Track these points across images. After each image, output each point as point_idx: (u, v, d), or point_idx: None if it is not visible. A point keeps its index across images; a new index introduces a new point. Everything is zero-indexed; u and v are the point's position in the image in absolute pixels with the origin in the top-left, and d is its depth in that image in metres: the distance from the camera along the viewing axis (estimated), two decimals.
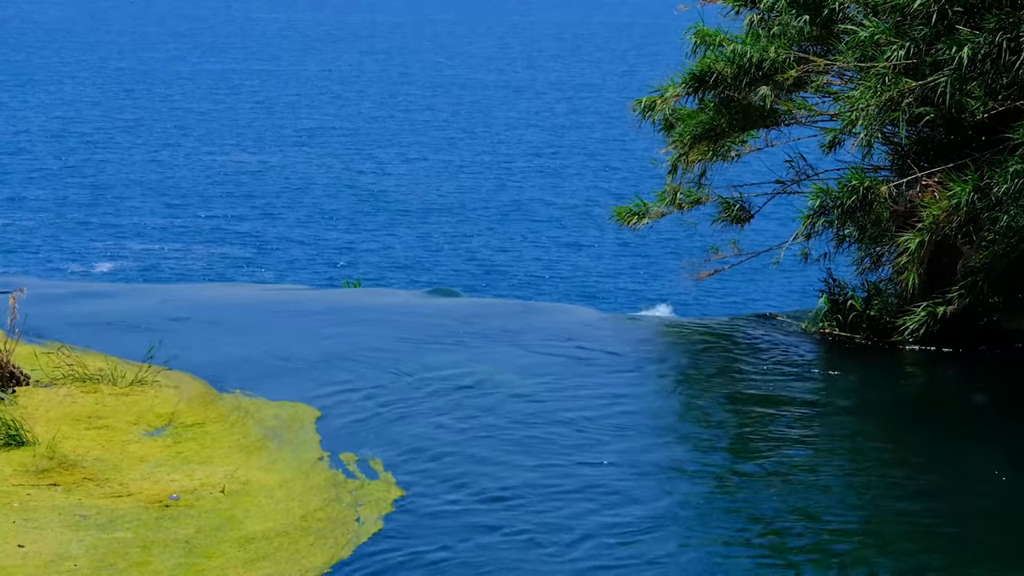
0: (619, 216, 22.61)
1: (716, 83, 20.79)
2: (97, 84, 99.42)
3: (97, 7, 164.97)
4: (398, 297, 25.87)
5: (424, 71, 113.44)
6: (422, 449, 15.32)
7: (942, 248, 19.37)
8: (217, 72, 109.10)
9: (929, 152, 20.16)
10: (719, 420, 16.95)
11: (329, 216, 59.29)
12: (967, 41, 18.07)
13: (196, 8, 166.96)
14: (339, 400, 16.97)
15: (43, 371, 16.85)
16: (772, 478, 14.78)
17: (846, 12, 20.30)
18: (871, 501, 14.34)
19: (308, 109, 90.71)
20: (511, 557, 12.70)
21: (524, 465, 14.93)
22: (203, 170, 68.60)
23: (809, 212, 20.36)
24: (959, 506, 14.21)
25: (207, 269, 49.64)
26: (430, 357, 18.99)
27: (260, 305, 22.79)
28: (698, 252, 23.61)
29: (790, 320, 22.21)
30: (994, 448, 15.97)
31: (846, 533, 13.50)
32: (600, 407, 17.05)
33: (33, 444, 14.54)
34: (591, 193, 63.01)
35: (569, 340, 20.40)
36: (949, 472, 15.26)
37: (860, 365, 19.77)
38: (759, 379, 18.62)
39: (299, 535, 12.95)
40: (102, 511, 13.22)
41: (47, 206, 59.48)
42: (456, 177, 67.96)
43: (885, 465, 15.45)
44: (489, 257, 52.28)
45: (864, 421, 17.45)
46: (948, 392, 19.36)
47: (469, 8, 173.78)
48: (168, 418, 15.78)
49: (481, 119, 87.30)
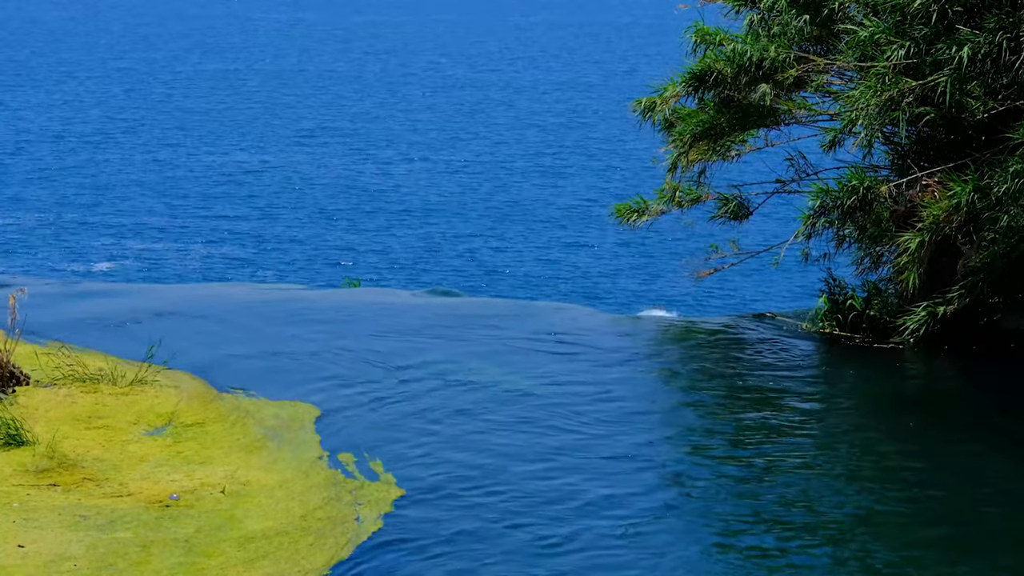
0: (619, 213, 22.62)
1: (716, 82, 20.79)
2: (97, 84, 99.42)
3: (98, 7, 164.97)
4: (398, 297, 25.85)
5: (425, 71, 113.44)
6: (422, 449, 15.32)
7: (942, 248, 19.36)
8: (217, 72, 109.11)
9: (929, 152, 20.16)
10: (718, 418, 16.95)
11: (329, 216, 59.28)
12: (967, 41, 18.07)
13: (197, 8, 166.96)
14: (339, 400, 16.97)
15: (43, 371, 16.85)
16: (770, 475, 14.80)
17: (846, 12, 20.29)
18: (871, 499, 14.35)
19: (308, 109, 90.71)
20: (511, 556, 12.70)
21: (525, 464, 14.94)
22: (203, 170, 68.59)
23: (809, 212, 20.36)
24: (958, 504, 14.22)
25: (207, 269, 49.63)
26: (430, 357, 18.99)
27: (260, 305, 22.78)
28: (698, 252, 23.61)
29: (790, 320, 22.21)
30: (994, 448, 15.97)
31: (845, 529, 13.52)
32: (600, 405, 17.05)
33: (33, 444, 14.54)
34: (591, 193, 63.01)
35: (569, 340, 20.40)
36: (948, 471, 15.27)
37: (860, 365, 19.76)
38: (759, 378, 18.62)
39: (299, 535, 12.95)
40: (102, 511, 13.22)
41: (47, 206, 59.47)
42: (456, 177, 67.95)
43: (884, 464, 15.46)
44: (489, 257, 52.28)
45: (864, 421, 17.44)
46: (947, 392, 19.35)
47: (470, 8, 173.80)
48: (168, 418, 15.78)
49: (482, 119, 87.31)
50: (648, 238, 50.55)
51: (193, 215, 58.73)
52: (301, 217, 59.03)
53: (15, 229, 55.17)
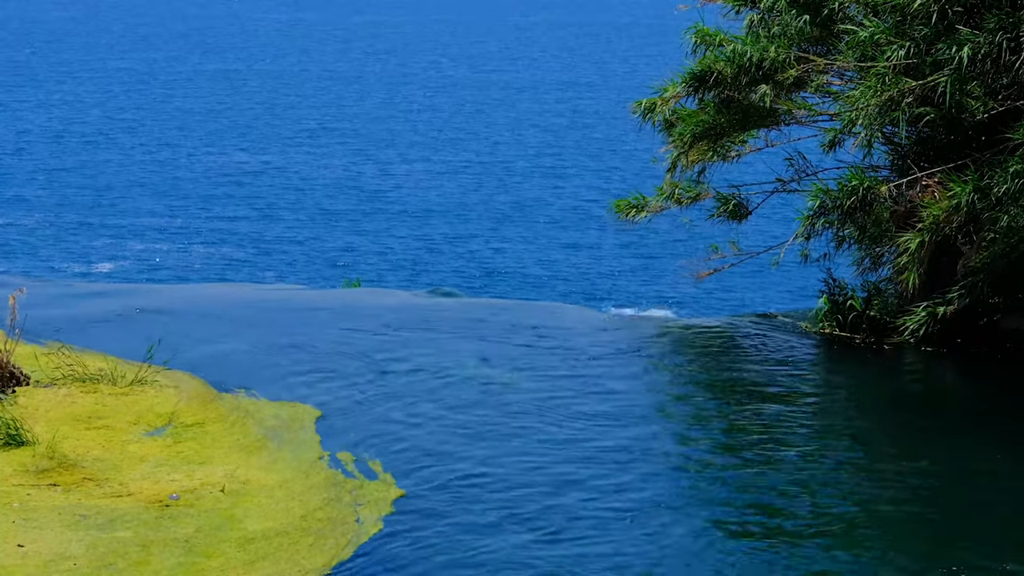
0: (618, 209, 22.62)
1: (716, 83, 20.79)
2: (97, 84, 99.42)
3: (98, 7, 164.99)
4: (398, 297, 25.87)
5: (425, 71, 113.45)
6: (422, 449, 15.33)
7: (942, 248, 19.36)
8: (217, 72, 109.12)
9: (929, 152, 20.16)
10: (717, 417, 16.96)
11: (329, 216, 59.28)
12: (967, 41, 18.07)
13: (197, 8, 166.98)
14: (339, 400, 16.98)
15: (43, 371, 16.86)
16: (770, 474, 14.80)
17: (846, 12, 20.30)
18: (869, 497, 14.36)
19: (309, 109, 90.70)
20: (512, 556, 12.71)
21: (525, 464, 14.94)
22: (203, 170, 68.59)
23: (809, 212, 20.36)
24: (958, 503, 14.22)
25: (207, 269, 49.63)
26: (430, 358, 19.00)
27: (260, 305, 22.79)
28: (698, 252, 23.62)
29: (790, 320, 22.21)
30: (994, 447, 15.97)
31: (844, 528, 13.53)
32: (600, 404, 17.06)
33: (33, 444, 14.55)
34: (592, 193, 63.01)
35: (569, 340, 20.41)
36: (948, 470, 15.28)
37: (860, 365, 19.77)
38: (758, 378, 18.62)
39: (299, 535, 12.95)
40: (102, 511, 13.22)
41: (47, 206, 59.47)
42: (456, 177, 67.94)
43: (884, 463, 15.45)
44: (489, 258, 52.28)
45: (863, 420, 17.45)
46: (947, 392, 19.36)
47: (470, 8, 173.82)
48: (168, 418, 15.79)
49: (482, 119, 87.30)
50: (648, 239, 50.58)
51: (193, 215, 58.73)
52: (301, 217, 59.02)
53: (15, 229, 55.17)
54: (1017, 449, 15.94)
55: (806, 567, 12.72)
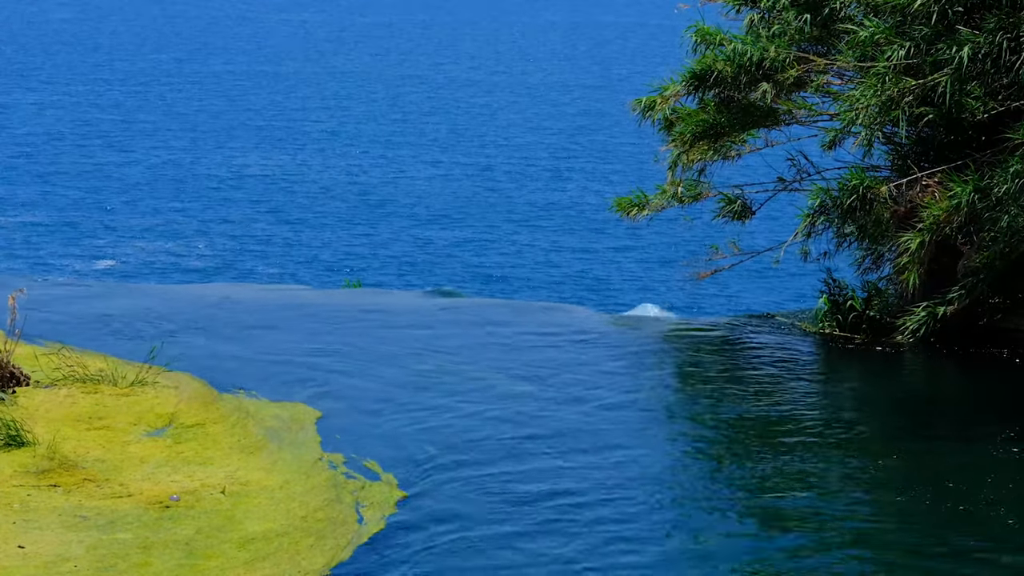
0: (619, 207, 22.61)
1: (716, 82, 20.80)
2: (97, 84, 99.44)
3: (99, 7, 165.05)
4: (399, 297, 25.87)
5: (429, 72, 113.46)
6: (423, 450, 15.33)
7: (942, 248, 19.36)
8: (219, 73, 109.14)
9: (929, 152, 20.16)
10: (717, 418, 16.96)
11: (329, 216, 59.29)
12: (967, 41, 18.07)
13: (202, 9, 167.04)
14: (340, 401, 16.98)
15: (43, 372, 16.86)
16: (770, 473, 14.81)
17: (846, 12, 20.29)
18: (869, 497, 14.39)
19: (312, 111, 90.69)
20: (513, 557, 12.71)
21: (525, 465, 14.95)
22: (205, 171, 68.60)
23: (809, 211, 20.36)
24: (958, 504, 14.22)
25: (208, 269, 49.63)
26: (430, 357, 19.00)
27: (261, 305, 22.79)
28: (698, 252, 23.62)
29: (790, 320, 22.22)
30: (994, 447, 15.97)
31: (843, 526, 13.54)
32: (599, 405, 17.07)
33: (33, 445, 14.55)
34: (593, 194, 63.01)
35: (569, 340, 20.41)
36: (948, 469, 15.29)
37: (860, 365, 19.77)
38: (758, 378, 18.62)
39: (299, 536, 12.96)
40: (102, 512, 13.23)
41: (47, 206, 59.48)
42: (458, 178, 67.95)
43: (884, 463, 15.46)
44: (490, 258, 52.28)
45: (863, 420, 17.45)
46: (948, 392, 19.36)
47: (470, 8, 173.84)
48: (168, 419, 15.79)
49: (484, 120, 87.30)
50: (648, 239, 50.56)
51: (194, 215, 58.72)
52: (302, 218, 59.03)
53: (15, 229, 55.18)
54: (1017, 448, 15.94)
55: (806, 565, 12.73)
